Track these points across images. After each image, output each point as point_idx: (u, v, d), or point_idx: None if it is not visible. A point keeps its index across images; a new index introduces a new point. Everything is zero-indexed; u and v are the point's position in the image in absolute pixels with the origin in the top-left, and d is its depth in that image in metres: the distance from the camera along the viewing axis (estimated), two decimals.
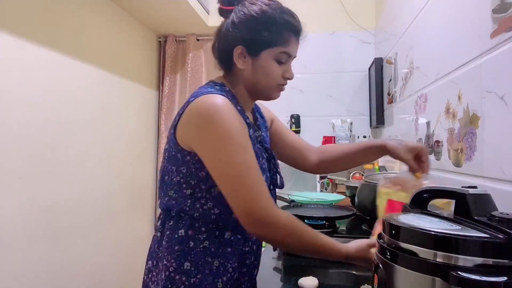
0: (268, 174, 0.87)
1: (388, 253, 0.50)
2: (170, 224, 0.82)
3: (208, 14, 2.64)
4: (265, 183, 0.77)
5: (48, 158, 1.67)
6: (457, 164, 1.04)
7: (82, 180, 1.92)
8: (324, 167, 1.07)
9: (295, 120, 2.27)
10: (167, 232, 0.82)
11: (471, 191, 0.52)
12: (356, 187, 1.29)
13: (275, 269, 0.99)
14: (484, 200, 0.52)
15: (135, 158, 2.53)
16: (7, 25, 1.46)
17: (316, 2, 2.61)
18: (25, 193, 1.55)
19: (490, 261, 0.42)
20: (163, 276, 0.80)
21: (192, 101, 0.78)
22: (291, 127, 2.27)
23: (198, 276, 0.78)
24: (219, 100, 0.75)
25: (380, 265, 0.51)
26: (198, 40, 2.84)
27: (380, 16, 2.39)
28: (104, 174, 2.12)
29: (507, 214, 0.46)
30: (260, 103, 1.03)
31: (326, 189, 2.23)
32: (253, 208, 0.73)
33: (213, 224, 0.81)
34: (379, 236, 0.55)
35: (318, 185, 2.24)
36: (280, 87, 0.87)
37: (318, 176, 2.24)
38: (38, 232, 1.61)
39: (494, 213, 0.48)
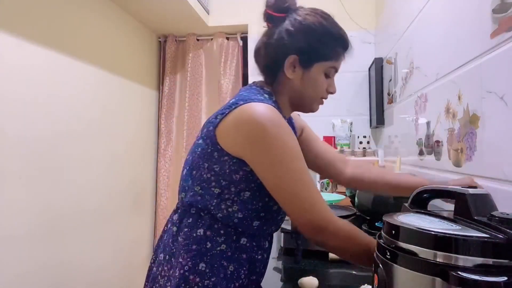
0: None
1: (388, 253, 0.50)
2: (188, 221, 0.81)
3: (208, 14, 2.64)
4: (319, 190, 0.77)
5: (49, 158, 1.67)
6: (457, 164, 1.04)
7: (82, 179, 1.92)
8: (356, 186, 1.05)
9: None
10: (185, 229, 0.80)
11: (471, 191, 0.52)
12: None
13: (275, 269, 0.99)
14: (484, 200, 0.52)
15: (135, 158, 2.53)
16: (7, 25, 1.46)
17: (316, 2, 2.61)
18: (26, 193, 1.55)
19: (490, 261, 0.42)
20: (176, 274, 0.79)
21: (241, 104, 0.75)
22: None
23: (213, 279, 0.77)
24: (271, 111, 0.74)
25: (380, 265, 0.51)
26: (198, 40, 2.84)
27: (380, 16, 2.39)
28: (104, 174, 2.12)
29: (507, 214, 0.46)
30: (293, 115, 1.02)
31: (326, 189, 2.23)
32: (313, 215, 0.73)
33: (232, 228, 0.80)
34: (379, 236, 0.55)
35: (318, 185, 2.24)
36: (322, 101, 0.88)
37: (318, 176, 2.24)
38: (38, 232, 1.61)
39: (494, 213, 0.48)
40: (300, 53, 0.80)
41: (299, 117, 1.04)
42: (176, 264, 0.80)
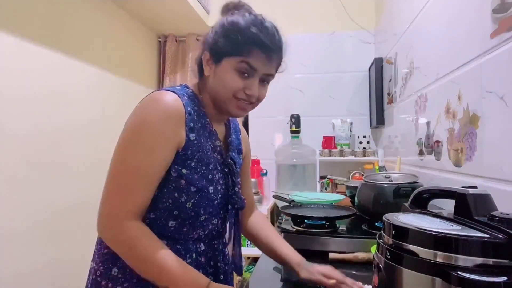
0: (218, 187, 0.83)
1: (388, 253, 0.50)
2: None
3: (208, 14, 2.64)
4: (145, 194, 0.74)
5: (48, 158, 1.67)
6: (457, 164, 1.04)
7: (82, 180, 1.92)
8: (249, 239, 1.02)
9: (295, 120, 2.27)
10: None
11: (471, 191, 0.52)
12: (356, 187, 1.29)
13: (275, 269, 0.99)
14: (484, 200, 0.52)
15: None
16: (7, 25, 1.46)
17: (316, 2, 2.61)
18: (25, 193, 1.55)
19: (490, 261, 0.43)
20: (89, 280, 0.78)
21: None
22: (291, 127, 2.27)
23: (125, 285, 0.75)
24: (164, 95, 0.75)
25: (380, 265, 0.51)
26: (198, 40, 2.83)
27: (380, 16, 2.39)
28: (104, 174, 2.11)
29: (507, 214, 0.46)
30: (243, 131, 1.01)
31: (326, 189, 2.23)
32: (102, 214, 0.72)
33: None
34: (379, 236, 0.56)
35: (318, 185, 2.24)
36: (239, 102, 0.79)
37: (318, 176, 2.24)
38: (39, 231, 1.61)
39: (494, 213, 0.48)
40: (210, 49, 0.79)
41: (248, 142, 1.03)
42: (91, 270, 0.79)
